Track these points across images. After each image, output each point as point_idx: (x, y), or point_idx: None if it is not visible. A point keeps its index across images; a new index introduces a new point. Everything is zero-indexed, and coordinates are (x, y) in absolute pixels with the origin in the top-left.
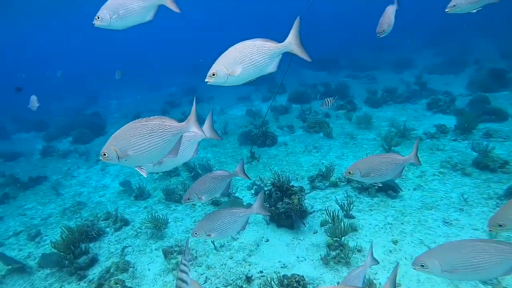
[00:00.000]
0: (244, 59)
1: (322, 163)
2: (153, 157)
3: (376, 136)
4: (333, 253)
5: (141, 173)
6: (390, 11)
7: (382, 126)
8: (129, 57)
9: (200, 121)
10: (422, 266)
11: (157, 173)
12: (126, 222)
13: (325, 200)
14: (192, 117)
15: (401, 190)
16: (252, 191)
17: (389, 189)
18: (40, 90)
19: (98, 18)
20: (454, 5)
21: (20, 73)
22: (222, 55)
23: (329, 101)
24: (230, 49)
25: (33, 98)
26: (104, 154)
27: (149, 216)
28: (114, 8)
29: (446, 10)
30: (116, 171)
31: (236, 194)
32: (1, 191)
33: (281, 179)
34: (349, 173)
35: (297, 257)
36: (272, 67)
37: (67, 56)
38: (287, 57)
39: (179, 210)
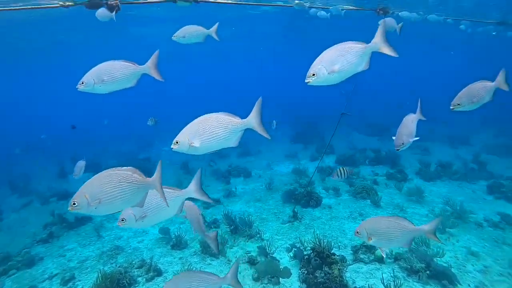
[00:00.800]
0: (205, 131)
1: None
2: (121, 206)
3: (429, 212)
4: None
5: (119, 224)
6: (409, 120)
7: (436, 202)
8: (189, 107)
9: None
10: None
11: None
12: (159, 273)
13: (369, 276)
14: (157, 176)
15: (460, 284)
16: (291, 254)
17: (444, 278)
18: (98, 135)
19: (83, 83)
20: (459, 104)
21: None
22: (188, 125)
23: (342, 171)
24: (195, 120)
25: (80, 164)
26: (74, 204)
27: (183, 269)
28: (99, 75)
29: (451, 107)
30: None
31: (274, 255)
32: (48, 230)
33: (322, 244)
34: (357, 232)
35: None
36: (233, 142)
37: (130, 102)
38: (335, 118)
39: (214, 265)
